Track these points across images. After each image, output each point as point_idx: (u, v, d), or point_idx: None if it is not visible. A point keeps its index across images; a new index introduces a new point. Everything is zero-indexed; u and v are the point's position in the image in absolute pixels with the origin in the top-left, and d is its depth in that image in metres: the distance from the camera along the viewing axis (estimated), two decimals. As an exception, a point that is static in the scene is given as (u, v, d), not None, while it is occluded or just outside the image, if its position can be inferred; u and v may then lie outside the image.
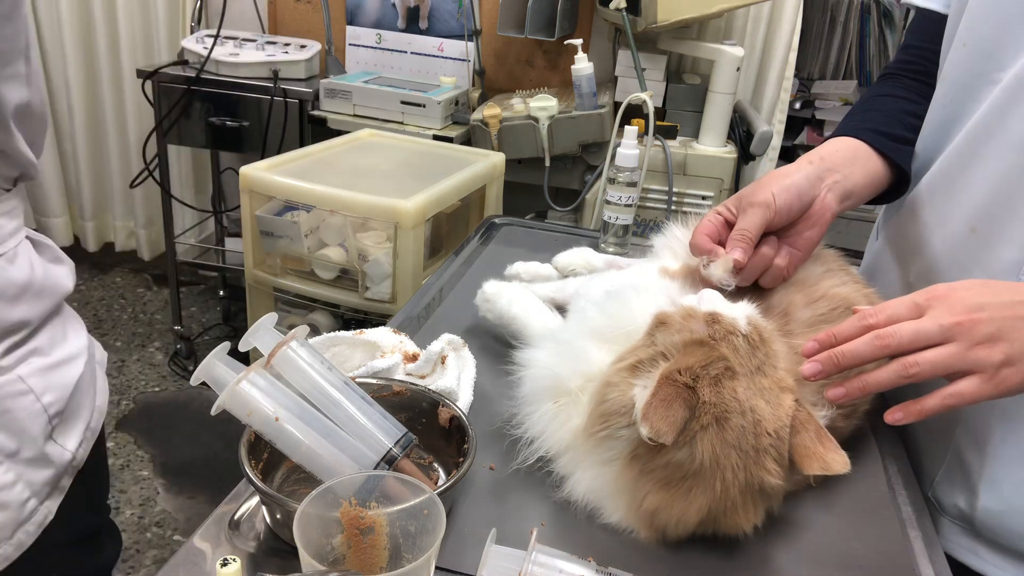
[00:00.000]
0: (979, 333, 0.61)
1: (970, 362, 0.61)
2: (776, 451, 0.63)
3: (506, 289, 0.96)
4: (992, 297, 0.62)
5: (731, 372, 0.63)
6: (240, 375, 0.62)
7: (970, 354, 0.61)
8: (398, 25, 2.50)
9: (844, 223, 2.62)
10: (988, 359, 0.60)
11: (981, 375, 0.61)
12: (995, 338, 0.60)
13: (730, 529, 0.65)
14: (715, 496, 0.63)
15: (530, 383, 0.75)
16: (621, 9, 1.92)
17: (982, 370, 0.61)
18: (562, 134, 2.03)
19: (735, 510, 0.64)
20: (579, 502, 0.69)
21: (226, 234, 2.66)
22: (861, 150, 0.87)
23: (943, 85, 0.85)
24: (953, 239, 0.80)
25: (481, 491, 0.72)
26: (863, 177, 0.86)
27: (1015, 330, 0.61)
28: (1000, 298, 0.62)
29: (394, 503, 0.56)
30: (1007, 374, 0.60)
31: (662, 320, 0.68)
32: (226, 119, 2.27)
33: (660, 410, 0.60)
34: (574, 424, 0.70)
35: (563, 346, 0.76)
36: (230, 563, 0.55)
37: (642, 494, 0.65)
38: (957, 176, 0.80)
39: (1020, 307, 0.62)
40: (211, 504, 0.69)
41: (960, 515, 0.81)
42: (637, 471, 0.65)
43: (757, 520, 0.66)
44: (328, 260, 1.60)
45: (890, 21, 2.87)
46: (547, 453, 0.72)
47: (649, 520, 0.66)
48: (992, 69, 0.77)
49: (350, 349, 0.87)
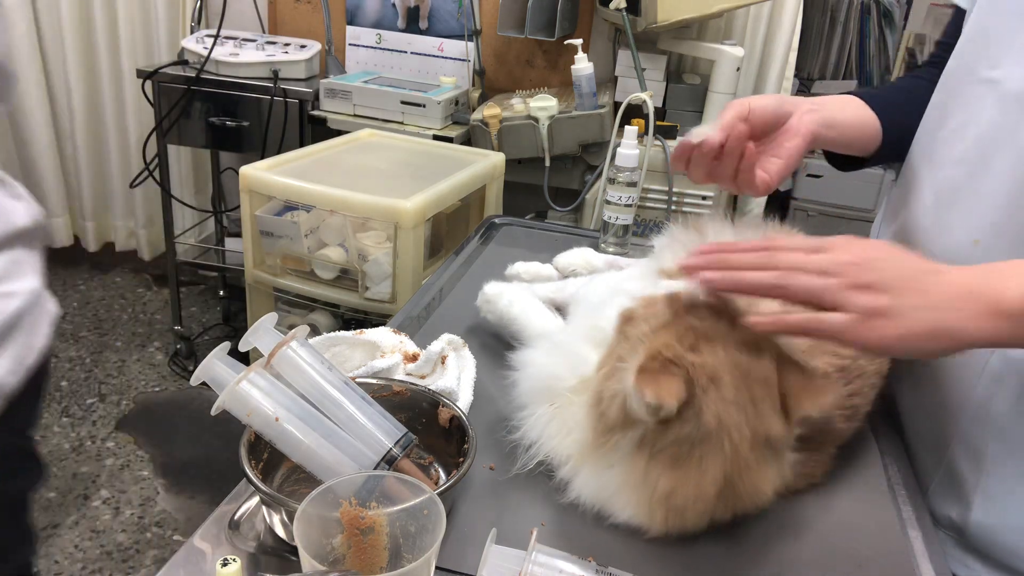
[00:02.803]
0: (861, 278, 0.60)
1: (839, 299, 0.60)
2: (771, 399, 0.63)
3: (506, 290, 0.96)
4: (897, 259, 0.62)
5: (705, 336, 0.64)
6: (240, 375, 0.62)
7: (842, 292, 0.60)
8: (398, 25, 2.50)
9: (844, 223, 2.62)
10: (858, 302, 0.59)
11: (851, 316, 0.59)
12: (876, 287, 0.59)
13: (750, 496, 0.64)
14: (726, 458, 0.62)
15: (525, 383, 0.75)
16: (621, 9, 1.92)
17: (854, 312, 0.59)
18: (562, 134, 2.03)
19: (749, 470, 0.63)
20: (585, 505, 0.69)
21: (226, 234, 2.66)
22: (853, 100, 0.89)
23: (942, 77, 0.85)
24: (955, 249, 0.78)
25: (481, 491, 0.72)
26: (851, 117, 0.87)
27: (904, 289, 0.60)
28: (904, 262, 0.62)
29: (394, 503, 0.56)
30: (880, 325, 0.59)
31: (627, 317, 0.69)
32: (226, 119, 2.27)
33: (652, 382, 0.61)
34: (575, 437, 0.70)
35: (559, 347, 0.76)
36: (230, 563, 0.55)
37: (654, 479, 0.64)
38: (963, 185, 0.79)
39: (919, 273, 0.61)
40: (211, 504, 0.69)
41: (952, 526, 0.81)
42: (645, 459, 0.64)
43: (774, 483, 0.65)
44: (328, 260, 1.60)
45: (890, 21, 2.87)
46: (546, 458, 0.72)
47: (666, 504, 0.64)
48: (985, 66, 0.76)
49: (350, 349, 0.87)
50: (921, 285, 0.60)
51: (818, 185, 2.66)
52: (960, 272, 0.61)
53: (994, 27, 0.77)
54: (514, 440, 0.74)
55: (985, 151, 0.76)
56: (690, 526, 0.66)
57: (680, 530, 0.66)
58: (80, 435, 2.22)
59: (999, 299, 0.59)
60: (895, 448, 0.85)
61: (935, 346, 0.60)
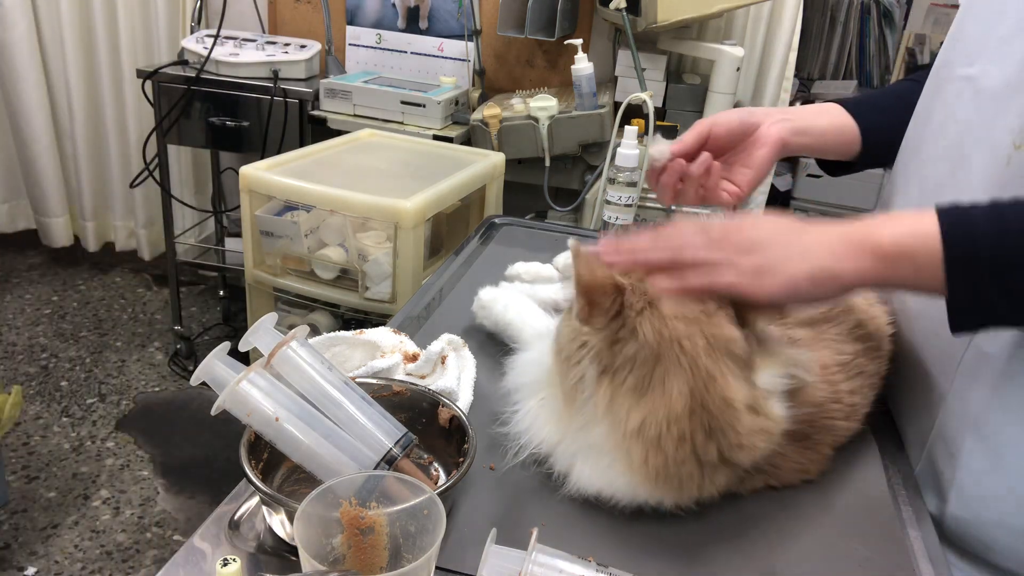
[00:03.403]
0: (743, 244, 0.66)
1: (727, 261, 0.65)
2: (725, 312, 0.66)
3: (501, 295, 0.96)
4: (773, 222, 0.67)
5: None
6: (240, 375, 0.62)
7: (730, 256, 0.65)
8: (398, 25, 2.50)
9: (844, 223, 2.62)
10: (743, 263, 0.65)
11: (738, 273, 0.65)
12: (756, 249, 0.65)
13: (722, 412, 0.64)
14: (686, 372, 0.64)
15: (514, 379, 0.77)
16: (621, 9, 1.92)
17: (739, 270, 0.65)
18: (562, 134, 2.03)
19: (714, 381, 0.64)
20: (586, 493, 0.69)
21: (226, 234, 2.66)
22: (832, 107, 0.93)
23: (930, 74, 0.87)
24: None
25: (481, 491, 0.72)
26: (826, 124, 0.91)
27: (776, 244, 0.65)
28: (779, 223, 0.67)
29: (394, 503, 0.57)
30: (766, 279, 0.64)
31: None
32: (226, 119, 2.27)
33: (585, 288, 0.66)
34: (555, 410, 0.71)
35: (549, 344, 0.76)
36: (230, 563, 0.55)
37: (624, 416, 0.65)
38: (945, 180, 0.80)
39: (791, 229, 0.66)
40: (211, 504, 0.69)
41: (932, 520, 0.81)
42: (609, 396, 0.66)
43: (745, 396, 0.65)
44: (328, 260, 1.60)
45: (890, 21, 2.87)
46: (538, 449, 0.73)
47: (640, 439, 0.65)
48: (964, 63, 0.78)
49: (350, 349, 0.87)
50: (796, 237, 0.65)
51: (818, 185, 2.67)
52: (836, 224, 0.66)
53: (971, 26, 0.79)
54: (503, 432, 0.75)
55: (964, 146, 0.77)
56: (673, 461, 0.65)
57: (666, 471, 0.65)
58: (80, 435, 2.22)
59: (876, 241, 0.63)
60: (895, 448, 0.85)
61: (820, 290, 0.65)
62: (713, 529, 0.70)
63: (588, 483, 0.69)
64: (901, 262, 0.63)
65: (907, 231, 0.63)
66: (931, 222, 0.62)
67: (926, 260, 0.62)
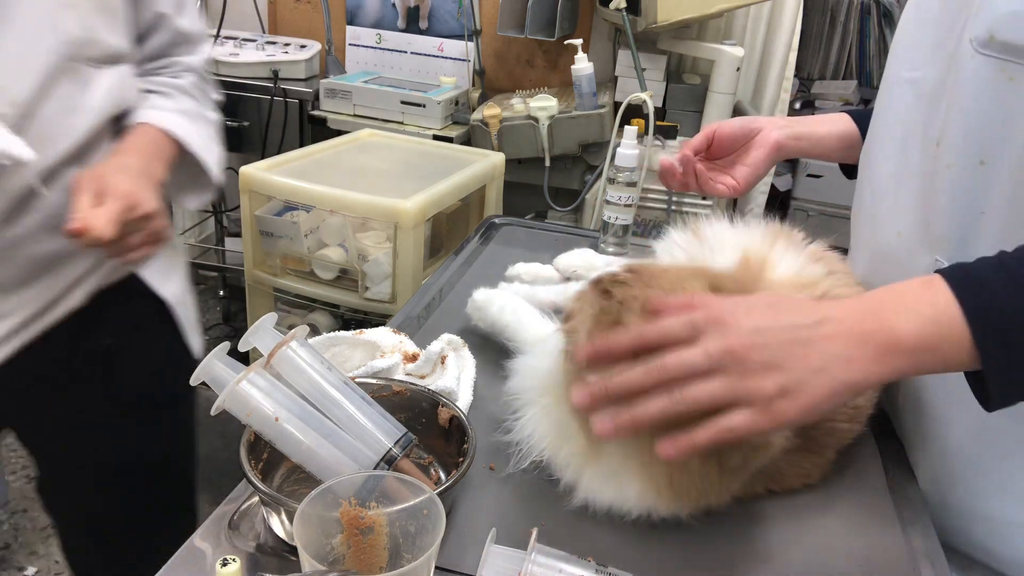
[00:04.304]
0: (752, 362, 0.57)
1: (740, 395, 0.57)
2: None
3: (496, 296, 0.95)
4: (773, 319, 0.59)
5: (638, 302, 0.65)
6: (240, 375, 0.62)
7: (740, 386, 0.56)
8: (398, 25, 2.50)
9: (843, 223, 2.62)
10: (760, 391, 0.56)
11: (753, 407, 0.57)
12: (769, 366, 0.56)
13: None
14: None
15: (516, 384, 0.76)
16: (621, 9, 1.92)
17: (754, 403, 0.57)
18: (562, 134, 2.03)
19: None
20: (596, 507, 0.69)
21: (226, 234, 2.66)
22: (839, 117, 0.99)
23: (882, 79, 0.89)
24: (884, 243, 0.82)
25: (481, 491, 0.72)
26: (827, 131, 0.98)
27: (791, 357, 0.57)
28: (780, 321, 0.59)
29: (394, 503, 0.57)
30: (783, 406, 0.56)
31: (567, 318, 0.70)
32: (226, 119, 2.25)
33: None
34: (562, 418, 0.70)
35: (552, 350, 0.76)
36: (230, 563, 0.55)
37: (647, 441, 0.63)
38: (890, 181, 0.82)
39: (800, 330, 0.58)
40: (211, 504, 0.69)
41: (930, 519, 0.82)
42: None
43: None
44: (328, 260, 1.60)
45: (890, 21, 2.87)
46: (540, 457, 0.72)
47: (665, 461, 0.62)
48: (907, 67, 0.80)
49: (350, 349, 0.87)
50: (809, 346, 0.57)
51: (818, 185, 2.67)
52: (844, 314, 0.59)
53: (913, 31, 0.81)
54: (508, 440, 0.75)
55: (906, 146, 0.79)
56: (698, 475, 0.63)
57: (689, 487, 0.64)
58: (80, 435, 2.21)
59: (895, 338, 0.57)
60: (895, 448, 0.85)
61: (839, 401, 0.59)
62: (713, 529, 0.69)
63: (599, 496, 0.69)
64: (925, 355, 0.58)
65: (927, 320, 0.58)
66: (947, 302, 0.58)
67: (951, 348, 0.57)
